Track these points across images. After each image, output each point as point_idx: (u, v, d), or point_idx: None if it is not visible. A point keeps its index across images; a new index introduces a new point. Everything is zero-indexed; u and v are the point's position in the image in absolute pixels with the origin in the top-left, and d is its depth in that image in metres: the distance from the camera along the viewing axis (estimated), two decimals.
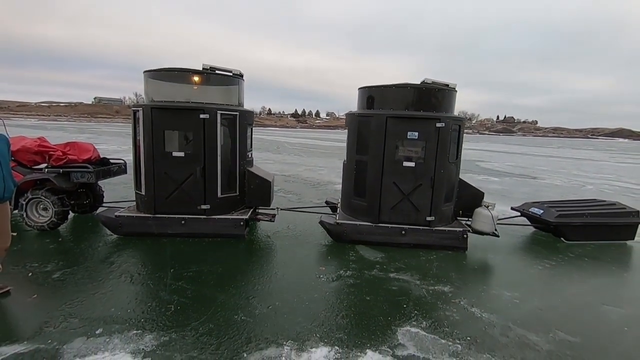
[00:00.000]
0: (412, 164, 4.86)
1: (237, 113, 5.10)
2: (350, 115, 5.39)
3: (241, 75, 5.41)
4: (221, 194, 5.07)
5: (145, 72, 5.04)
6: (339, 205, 5.84)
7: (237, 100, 5.35)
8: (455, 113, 5.23)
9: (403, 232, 4.95)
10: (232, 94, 5.31)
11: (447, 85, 5.03)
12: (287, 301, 3.37)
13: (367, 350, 2.66)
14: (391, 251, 4.80)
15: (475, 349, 2.74)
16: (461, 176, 5.41)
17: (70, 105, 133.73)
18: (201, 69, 5.00)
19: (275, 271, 4.13)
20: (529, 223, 6.13)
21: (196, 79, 4.96)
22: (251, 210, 5.39)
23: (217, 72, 5.12)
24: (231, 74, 5.23)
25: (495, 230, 5.02)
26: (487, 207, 5.09)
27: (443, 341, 2.82)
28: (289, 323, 2.99)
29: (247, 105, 5.67)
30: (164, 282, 3.67)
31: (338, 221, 5.10)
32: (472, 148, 37.08)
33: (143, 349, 2.59)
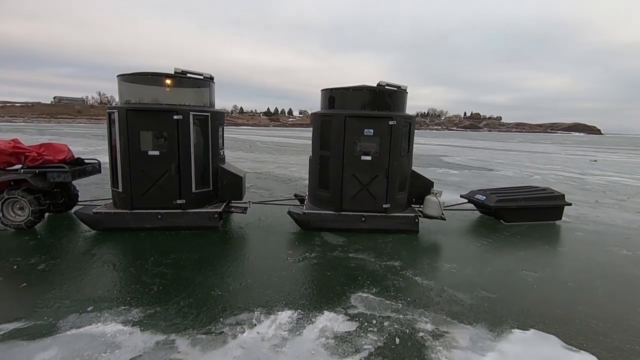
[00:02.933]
0: (369, 158, 5.46)
1: (209, 114, 5.50)
2: (314, 114, 5.92)
3: (211, 78, 5.81)
4: (195, 189, 5.47)
5: (118, 75, 5.34)
6: (306, 197, 6.37)
7: (209, 102, 5.74)
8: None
9: (363, 219, 5.55)
10: (204, 96, 5.69)
11: (399, 87, 5.67)
12: (258, 279, 3.86)
13: (325, 311, 3.21)
14: (352, 236, 5.38)
15: (413, 306, 3.35)
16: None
17: (27, 106, 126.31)
18: (173, 72, 5.36)
19: (247, 255, 4.61)
20: (475, 208, 6.93)
21: (169, 82, 5.31)
22: (224, 204, 5.81)
23: (188, 75, 5.49)
24: (202, 77, 5.62)
25: (442, 214, 5.72)
26: (435, 194, 5.77)
27: (388, 302, 3.42)
28: (259, 295, 3.49)
29: (219, 104, 6.07)
30: (145, 269, 4.05)
31: (305, 211, 5.63)
32: (439, 144, 38.72)
33: (131, 319, 3.01)
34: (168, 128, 5.18)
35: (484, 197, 6.47)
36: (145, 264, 4.19)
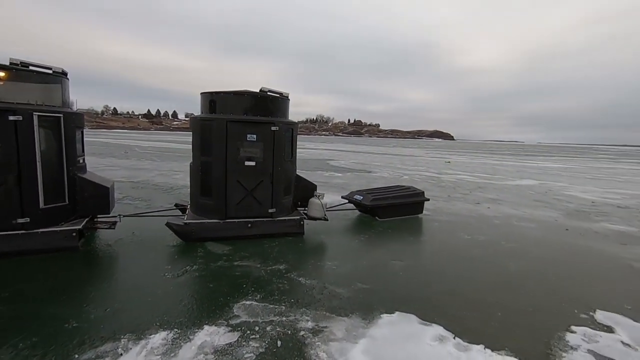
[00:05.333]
0: (253, 163, 5.43)
1: (61, 115, 4.68)
2: (193, 119, 5.61)
3: (64, 73, 4.96)
4: (44, 205, 4.57)
5: None
6: (188, 206, 5.97)
7: (61, 101, 4.89)
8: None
9: (249, 225, 5.49)
10: (54, 94, 4.81)
11: (282, 93, 5.80)
12: (128, 301, 3.44)
13: (205, 325, 3.05)
14: (238, 243, 5.26)
15: (296, 307, 3.45)
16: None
17: None
18: (8, 63, 4.39)
19: (115, 276, 4.06)
20: (355, 208, 7.56)
21: (1, 74, 4.32)
22: (87, 219, 5.01)
23: (31, 68, 4.57)
24: (51, 72, 4.75)
25: (325, 215, 6.07)
26: (318, 196, 6.10)
27: (271, 306, 3.44)
28: (129, 319, 3.11)
29: (85, 103, 5.25)
30: None
31: (186, 221, 5.26)
32: (326, 148, 41.11)
33: None
34: (3, 131, 4.21)
35: (361, 197, 7.12)
36: None
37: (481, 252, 5.41)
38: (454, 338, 3.01)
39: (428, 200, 7.81)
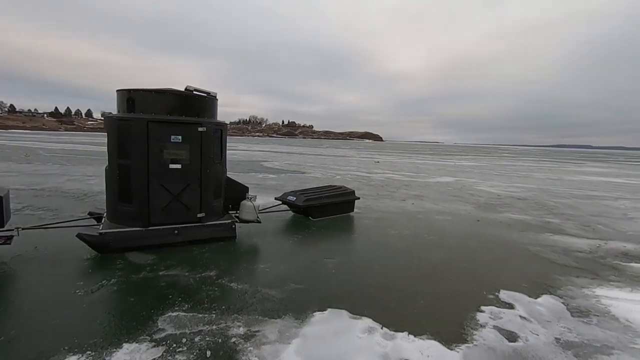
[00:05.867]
0: (178, 166, 5.13)
1: None
2: (108, 118, 5.11)
3: None
4: None
5: None
6: (104, 214, 5.43)
7: None
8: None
9: (176, 231, 5.17)
10: None
11: (209, 93, 5.57)
12: (28, 327, 3.00)
13: (124, 344, 2.79)
14: (164, 252, 4.92)
15: (227, 314, 3.34)
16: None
17: None
18: None
19: (12, 299, 3.52)
20: (288, 209, 7.58)
21: None
22: None
23: None
24: None
25: (258, 217, 5.98)
26: (250, 199, 5.98)
27: (201, 315, 3.29)
28: (28, 348, 2.72)
29: None
30: None
31: (102, 231, 4.77)
32: (260, 150, 40.54)
33: None
34: None
35: (294, 198, 7.15)
36: None
37: (406, 246, 5.81)
38: (382, 328, 3.18)
39: (358, 198, 8.14)
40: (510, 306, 3.76)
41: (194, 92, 5.36)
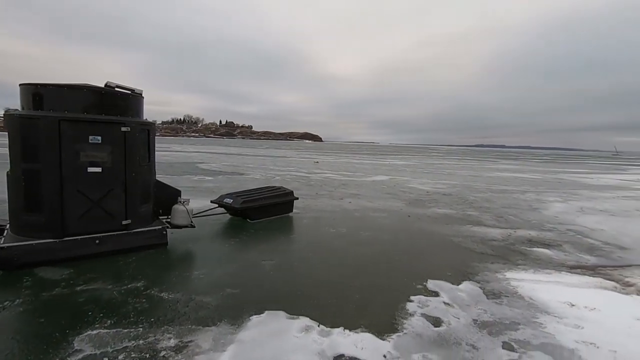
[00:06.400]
0: (98, 169, 4.68)
1: None
2: (9, 116, 4.48)
3: None
4: None
5: None
6: (7, 226, 4.75)
7: None
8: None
9: (97, 241, 4.71)
10: None
11: (133, 90, 5.18)
12: None
13: None
14: (84, 264, 4.46)
15: (156, 326, 3.14)
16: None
17: None
18: None
19: None
20: (226, 211, 7.35)
21: None
22: None
23: None
24: None
25: (192, 222, 5.71)
26: (183, 202, 5.68)
27: (125, 330, 3.04)
28: None
29: None
30: None
31: (4, 245, 4.17)
32: (197, 151, 38.69)
33: None
34: None
35: (231, 200, 6.96)
36: None
37: (343, 243, 5.98)
38: (318, 326, 3.24)
39: (297, 199, 8.18)
40: (436, 294, 4.08)
41: (116, 89, 4.94)
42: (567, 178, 21.54)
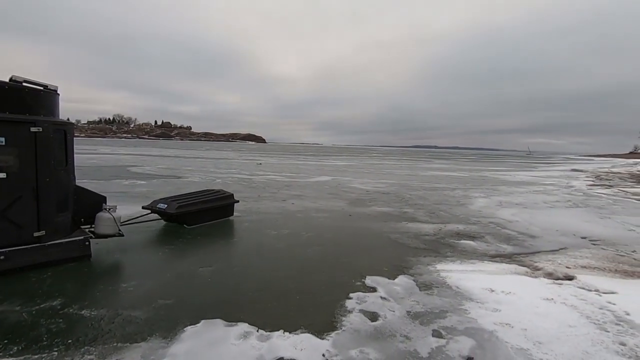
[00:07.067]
0: (3, 175, 4.11)
1: None
2: None
3: None
4: None
5: None
6: None
7: None
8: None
9: (2, 256, 4.13)
10: None
11: (46, 86, 4.64)
12: None
13: None
14: None
15: (74, 348, 2.83)
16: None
17: None
18: None
19: None
20: (160, 217, 6.90)
21: None
22: None
23: None
24: None
25: (120, 230, 5.27)
26: (109, 209, 5.22)
27: (36, 356, 2.70)
28: None
29: None
30: None
31: None
32: (128, 153, 35.89)
33: None
34: None
35: (165, 205, 6.55)
36: None
37: (285, 245, 5.95)
38: (257, 331, 3.18)
39: (238, 202, 7.97)
40: (374, 289, 4.23)
41: (23, 84, 4.38)
42: (489, 175, 23.82)
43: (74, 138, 5.29)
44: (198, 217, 6.86)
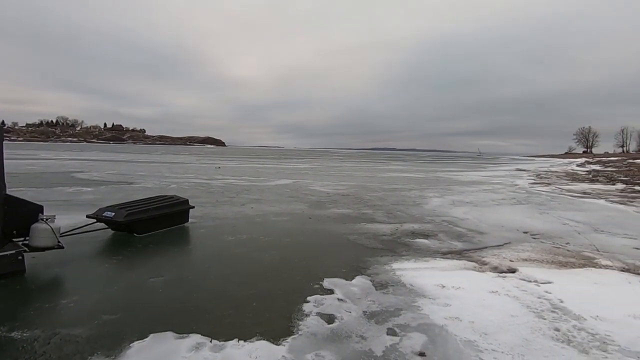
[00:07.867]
0: None
1: None
2: None
3: None
4: None
5: None
6: None
7: None
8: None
9: None
10: None
11: None
12: None
13: None
14: None
15: None
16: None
17: None
18: None
19: None
20: (107, 227, 6.47)
21: None
22: None
23: None
24: None
25: (59, 242, 4.86)
26: (46, 220, 4.80)
27: None
28: None
29: None
30: None
31: None
32: (73, 158, 33.48)
33: None
34: None
35: (113, 214, 6.16)
36: None
37: (242, 251, 5.82)
38: (211, 341, 3.06)
39: (193, 207, 7.68)
40: (331, 291, 4.26)
41: None
42: (443, 176, 25.01)
43: (7, 142, 4.83)
44: (149, 224, 6.52)
